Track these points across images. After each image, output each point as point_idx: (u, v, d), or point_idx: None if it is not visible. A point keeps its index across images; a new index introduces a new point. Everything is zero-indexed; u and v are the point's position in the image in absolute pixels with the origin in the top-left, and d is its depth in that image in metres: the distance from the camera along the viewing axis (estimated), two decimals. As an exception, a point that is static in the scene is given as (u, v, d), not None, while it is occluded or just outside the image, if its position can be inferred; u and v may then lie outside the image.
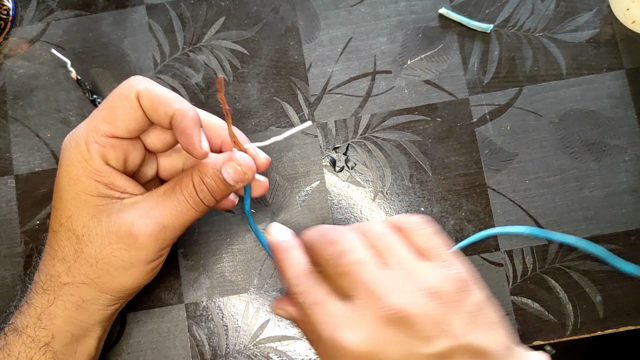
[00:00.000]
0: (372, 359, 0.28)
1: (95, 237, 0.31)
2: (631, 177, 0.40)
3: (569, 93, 0.41)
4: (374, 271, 0.30)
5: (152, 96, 0.31)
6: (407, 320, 0.28)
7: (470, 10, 0.43)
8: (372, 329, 0.28)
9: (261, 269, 0.40)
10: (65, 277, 0.32)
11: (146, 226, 0.31)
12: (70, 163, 0.31)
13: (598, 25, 0.42)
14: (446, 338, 0.28)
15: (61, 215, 0.32)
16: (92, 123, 0.31)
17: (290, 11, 0.43)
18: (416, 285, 0.29)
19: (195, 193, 0.32)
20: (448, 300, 0.29)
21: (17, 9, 0.44)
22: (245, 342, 0.39)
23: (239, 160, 0.32)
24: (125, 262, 0.32)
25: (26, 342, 0.32)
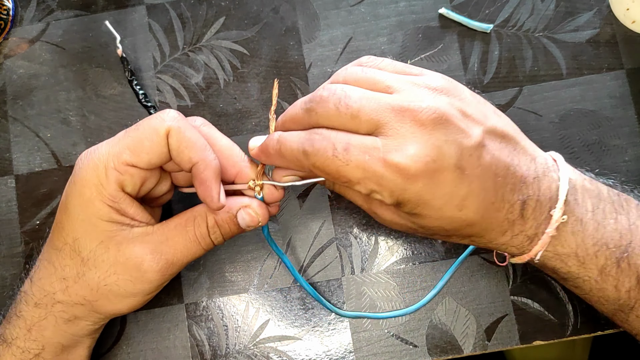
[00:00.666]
0: (435, 166, 0.27)
1: (101, 264, 0.31)
2: (631, 177, 0.40)
3: (569, 93, 0.41)
4: (385, 96, 0.29)
5: (181, 138, 0.30)
6: (445, 118, 0.28)
7: (470, 10, 0.43)
8: (419, 141, 0.27)
9: (261, 269, 0.40)
10: (60, 295, 0.32)
11: (156, 263, 0.31)
12: (85, 184, 0.31)
13: (598, 25, 0.42)
14: (476, 126, 0.29)
15: (67, 235, 0.32)
16: (115, 149, 0.31)
17: (290, 11, 0.43)
18: (428, 90, 0.29)
19: (207, 234, 0.32)
20: (461, 95, 0.30)
21: (17, 9, 0.44)
22: (245, 342, 0.39)
23: (255, 208, 0.32)
24: (128, 292, 0.32)
25: (16, 353, 0.32)
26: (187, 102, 0.42)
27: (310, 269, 0.40)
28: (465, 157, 0.28)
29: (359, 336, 0.39)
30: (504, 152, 0.29)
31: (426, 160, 0.27)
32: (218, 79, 0.43)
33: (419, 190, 0.28)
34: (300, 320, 0.40)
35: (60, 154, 0.42)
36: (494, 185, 0.28)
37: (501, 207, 0.29)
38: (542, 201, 0.29)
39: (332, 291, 0.40)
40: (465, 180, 0.28)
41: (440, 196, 0.28)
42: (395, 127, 0.28)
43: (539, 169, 0.30)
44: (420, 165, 0.27)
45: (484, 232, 0.30)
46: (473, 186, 0.28)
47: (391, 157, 0.27)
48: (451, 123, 0.28)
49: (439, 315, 0.39)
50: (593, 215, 0.30)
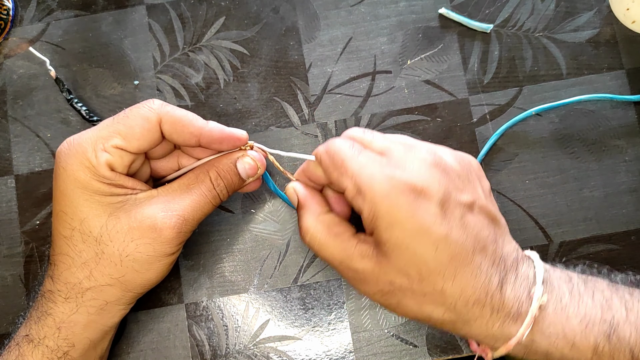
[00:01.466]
0: (420, 191, 0.29)
1: (116, 235, 0.31)
2: (631, 177, 0.40)
3: (569, 93, 0.41)
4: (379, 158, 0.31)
5: (174, 121, 0.33)
6: (444, 167, 0.30)
7: (470, 10, 0.43)
8: (416, 167, 0.30)
9: (261, 269, 0.40)
10: (87, 282, 0.32)
11: (169, 219, 0.32)
12: (76, 168, 0.31)
13: (598, 25, 0.42)
14: (471, 193, 0.31)
15: (73, 219, 0.32)
16: (103, 133, 0.32)
17: (290, 11, 0.43)
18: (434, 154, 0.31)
19: (212, 187, 0.34)
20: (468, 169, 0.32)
21: (17, 9, 0.44)
22: (245, 342, 0.39)
23: (252, 155, 0.35)
24: (150, 256, 0.32)
25: (45, 352, 0.32)
26: (187, 102, 0.42)
27: (310, 269, 0.40)
28: (451, 204, 0.29)
29: (359, 336, 0.39)
30: (490, 229, 0.31)
31: (415, 181, 0.29)
32: (218, 79, 0.43)
33: (399, 205, 0.29)
34: (300, 320, 0.40)
35: (60, 154, 0.42)
36: (473, 247, 0.29)
37: (478, 273, 0.29)
38: (521, 281, 0.30)
39: (332, 291, 0.40)
40: (445, 223, 0.29)
41: (417, 224, 0.29)
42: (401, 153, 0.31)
43: (519, 256, 0.31)
44: (408, 181, 0.29)
45: (460, 293, 0.29)
46: (452, 234, 0.29)
47: (388, 169, 0.30)
48: (449, 174, 0.30)
49: (439, 315, 0.39)
50: (571, 295, 0.30)
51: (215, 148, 0.34)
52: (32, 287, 0.40)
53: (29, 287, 0.40)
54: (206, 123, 0.33)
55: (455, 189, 0.30)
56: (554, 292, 0.30)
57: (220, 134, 0.33)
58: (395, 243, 0.29)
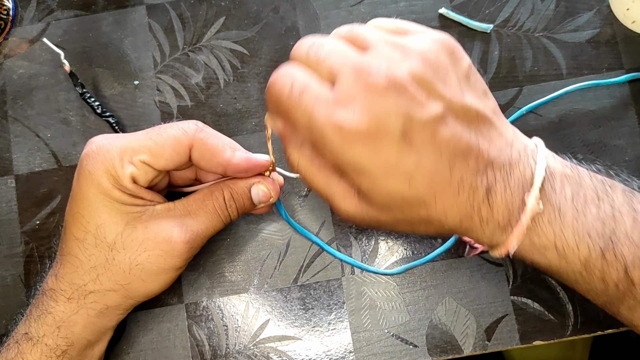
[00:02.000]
0: (376, 132, 0.26)
1: (130, 244, 0.32)
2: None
3: (569, 93, 0.41)
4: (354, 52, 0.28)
5: (206, 149, 0.33)
6: (399, 85, 0.26)
7: (470, 10, 0.43)
8: (366, 103, 0.26)
9: (261, 269, 0.40)
10: (92, 285, 0.32)
11: (184, 233, 0.33)
12: (100, 174, 0.32)
13: (598, 25, 0.42)
14: (439, 100, 0.26)
15: (89, 223, 0.32)
16: (133, 145, 0.32)
17: (290, 11, 0.43)
18: (402, 53, 0.27)
19: (225, 207, 0.34)
20: (438, 63, 0.27)
21: (17, 9, 0.44)
22: (245, 342, 0.39)
23: (268, 184, 0.35)
24: (160, 268, 0.33)
25: (44, 350, 0.32)
26: (187, 102, 0.42)
27: (310, 269, 0.40)
28: (414, 129, 0.26)
29: (359, 336, 0.39)
30: (471, 132, 0.27)
31: (368, 125, 0.26)
32: (218, 79, 0.43)
33: (357, 155, 0.26)
34: (300, 320, 0.40)
35: (60, 154, 0.42)
36: (449, 164, 0.26)
37: (460, 189, 0.27)
38: (512, 187, 0.27)
39: (332, 291, 0.40)
40: (412, 152, 0.26)
41: (381, 165, 0.26)
42: (349, 84, 0.26)
43: (514, 154, 0.28)
44: (360, 129, 0.26)
45: (445, 216, 0.27)
46: (423, 161, 0.26)
47: (336, 114, 0.26)
48: (406, 92, 0.26)
49: (439, 315, 0.39)
50: (573, 203, 0.28)
51: (240, 177, 0.35)
52: (33, 284, 0.40)
53: (29, 287, 0.40)
54: (233, 154, 0.34)
55: (417, 108, 0.26)
56: (552, 200, 0.28)
57: (246, 166, 0.34)
58: (368, 189, 0.27)
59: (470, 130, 0.27)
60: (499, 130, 0.28)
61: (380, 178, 0.27)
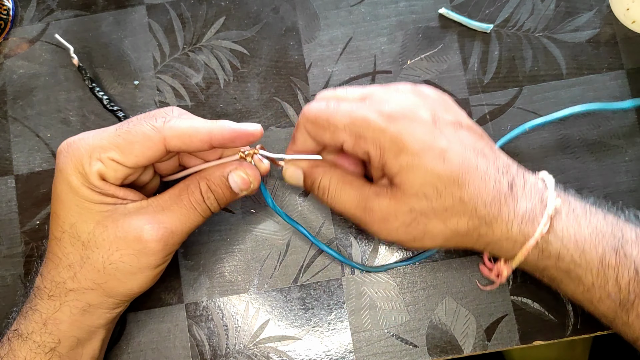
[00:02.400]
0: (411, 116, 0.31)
1: (102, 243, 0.31)
2: (631, 177, 0.40)
3: (569, 93, 0.41)
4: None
5: (180, 134, 0.31)
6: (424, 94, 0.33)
7: (470, 10, 0.43)
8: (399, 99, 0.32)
9: (261, 269, 0.40)
10: (70, 283, 0.32)
11: (156, 231, 0.31)
12: (69, 172, 0.31)
13: (598, 25, 0.42)
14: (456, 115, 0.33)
15: (64, 222, 0.32)
16: (103, 142, 0.31)
17: (290, 11, 0.43)
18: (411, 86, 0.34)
19: (202, 200, 0.33)
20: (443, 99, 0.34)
21: (17, 9, 0.44)
22: (245, 342, 0.39)
23: (247, 169, 0.33)
24: (134, 267, 0.32)
25: (32, 347, 0.32)
26: (187, 102, 0.42)
27: (310, 269, 0.40)
28: (440, 122, 0.31)
29: (359, 336, 0.39)
30: (482, 142, 0.32)
31: (403, 109, 0.31)
32: (218, 79, 0.43)
33: (398, 129, 0.30)
34: (300, 320, 0.40)
35: (60, 154, 0.42)
36: (475, 156, 0.31)
37: (488, 177, 0.30)
38: (530, 187, 0.31)
39: (332, 291, 0.40)
40: (443, 137, 0.31)
41: (419, 139, 0.30)
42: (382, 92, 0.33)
43: (521, 167, 0.33)
44: (397, 112, 0.31)
45: (476, 197, 0.30)
46: (452, 145, 0.30)
47: (375, 106, 0.32)
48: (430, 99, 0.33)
49: (439, 315, 0.39)
50: (582, 209, 0.32)
51: (229, 147, 0.33)
52: (26, 284, 0.40)
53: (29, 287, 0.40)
54: (214, 122, 0.32)
55: (440, 110, 0.32)
56: (565, 202, 0.31)
57: (231, 133, 0.32)
58: (407, 166, 0.30)
59: (481, 140, 0.32)
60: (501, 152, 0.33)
61: (419, 155, 0.30)
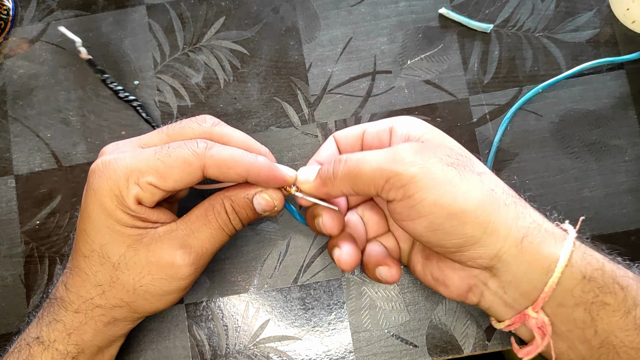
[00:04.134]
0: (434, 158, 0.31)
1: (133, 266, 0.31)
2: (631, 177, 0.40)
3: (569, 93, 0.41)
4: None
5: (220, 164, 0.31)
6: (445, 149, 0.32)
7: (470, 10, 0.43)
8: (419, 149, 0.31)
9: (261, 269, 0.40)
10: (98, 300, 0.32)
11: (188, 256, 0.32)
12: (104, 194, 0.31)
13: (598, 25, 0.42)
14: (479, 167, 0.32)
15: (94, 242, 0.32)
16: (141, 165, 0.31)
17: (290, 11, 0.43)
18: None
19: (228, 220, 0.33)
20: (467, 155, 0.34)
21: (17, 9, 0.44)
22: (245, 342, 0.39)
23: (272, 192, 0.33)
24: (164, 290, 0.32)
25: (54, 355, 0.32)
26: (187, 102, 0.42)
27: (310, 269, 0.40)
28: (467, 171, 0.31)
29: (359, 336, 0.39)
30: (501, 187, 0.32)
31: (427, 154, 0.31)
32: (218, 79, 0.43)
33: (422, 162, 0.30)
34: (300, 320, 0.40)
35: (60, 154, 0.42)
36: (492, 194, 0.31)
37: (509, 207, 0.30)
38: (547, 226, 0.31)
39: (332, 291, 0.40)
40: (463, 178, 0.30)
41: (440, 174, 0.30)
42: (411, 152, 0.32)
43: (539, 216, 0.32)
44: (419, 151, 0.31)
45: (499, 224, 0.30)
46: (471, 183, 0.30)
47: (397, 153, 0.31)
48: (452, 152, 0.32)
49: (439, 315, 0.39)
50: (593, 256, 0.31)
51: (262, 186, 0.33)
52: (43, 287, 0.40)
53: (29, 287, 0.40)
54: (255, 159, 0.32)
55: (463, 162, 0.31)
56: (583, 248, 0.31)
57: (267, 173, 0.32)
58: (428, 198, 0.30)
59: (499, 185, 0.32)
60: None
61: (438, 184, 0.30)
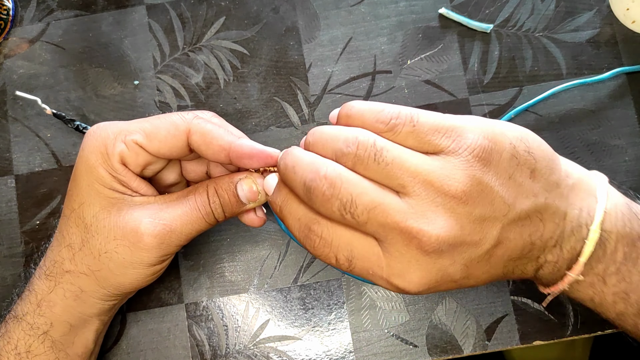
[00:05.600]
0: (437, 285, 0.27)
1: (102, 229, 0.32)
2: (631, 177, 0.40)
3: (569, 93, 0.41)
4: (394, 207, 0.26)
5: (204, 132, 0.31)
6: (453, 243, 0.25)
7: (470, 10, 0.43)
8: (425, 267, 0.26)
9: (261, 269, 0.40)
10: (68, 264, 0.32)
11: (153, 226, 0.31)
12: (91, 150, 0.31)
13: (598, 25, 0.42)
14: (496, 223, 0.26)
15: (74, 201, 0.32)
16: (130, 127, 0.32)
17: (290, 11, 0.43)
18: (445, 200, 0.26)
19: (208, 203, 0.32)
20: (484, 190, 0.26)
21: (17, 9, 0.44)
22: (245, 342, 0.39)
23: (256, 179, 0.33)
24: (126, 260, 0.32)
25: (25, 329, 0.32)
26: (187, 102, 0.42)
27: (310, 269, 0.40)
28: (472, 266, 0.26)
29: (359, 336, 0.39)
30: (527, 230, 0.27)
31: (429, 285, 0.27)
32: (218, 79, 0.43)
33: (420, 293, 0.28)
34: (300, 320, 0.40)
35: (60, 154, 0.42)
36: (503, 269, 0.28)
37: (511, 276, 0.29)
38: (560, 264, 0.28)
39: (332, 291, 0.40)
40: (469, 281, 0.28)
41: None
42: (400, 250, 0.26)
43: (567, 227, 0.27)
44: (422, 289, 0.27)
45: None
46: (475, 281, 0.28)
47: (394, 280, 0.27)
48: (462, 244, 0.26)
49: (439, 315, 0.39)
50: (618, 268, 0.28)
51: (245, 164, 0.32)
52: (31, 265, 0.40)
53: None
54: (237, 137, 0.32)
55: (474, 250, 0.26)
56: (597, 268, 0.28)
57: (250, 150, 0.31)
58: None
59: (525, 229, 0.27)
60: (552, 206, 0.27)
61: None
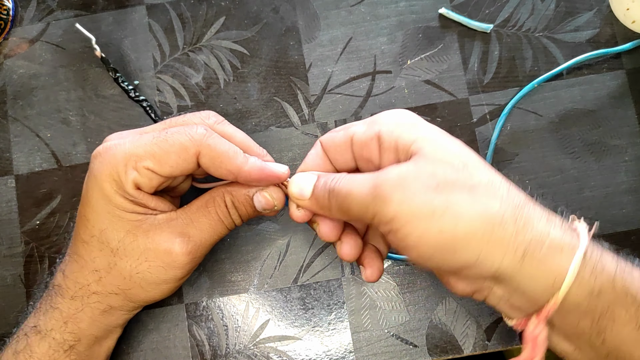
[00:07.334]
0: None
1: (131, 252, 0.32)
2: (631, 177, 0.40)
3: (569, 93, 0.41)
4: None
5: (214, 156, 0.31)
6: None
7: (470, 10, 0.43)
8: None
9: (261, 269, 0.40)
10: (95, 286, 0.33)
11: (185, 245, 0.32)
12: (104, 178, 0.31)
13: (598, 25, 0.42)
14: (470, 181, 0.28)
15: (93, 227, 0.32)
16: (139, 151, 0.31)
17: (290, 11, 0.43)
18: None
19: (228, 214, 0.33)
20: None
21: (17, 9, 0.44)
22: (245, 342, 0.39)
23: (272, 191, 0.33)
24: (160, 278, 0.32)
25: (52, 344, 0.33)
26: (187, 102, 0.42)
27: (310, 269, 0.40)
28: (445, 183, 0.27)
29: (359, 336, 0.39)
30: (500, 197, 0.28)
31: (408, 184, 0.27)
32: (218, 79, 0.43)
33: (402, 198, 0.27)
34: (300, 320, 0.40)
35: (60, 154, 0.42)
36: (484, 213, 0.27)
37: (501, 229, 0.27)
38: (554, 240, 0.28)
39: (332, 291, 0.40)
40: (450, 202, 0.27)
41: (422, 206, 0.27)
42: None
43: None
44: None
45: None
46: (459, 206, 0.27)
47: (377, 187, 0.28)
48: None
49: (439, 315, 0.39)
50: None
51: (253, 186, 0.33)
52: (43, 279, 0.40)
53: (29, 287, 0.40)
54: (246, 161, 0.32)
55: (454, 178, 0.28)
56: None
57: (259, 174, 0.32)
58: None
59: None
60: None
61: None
